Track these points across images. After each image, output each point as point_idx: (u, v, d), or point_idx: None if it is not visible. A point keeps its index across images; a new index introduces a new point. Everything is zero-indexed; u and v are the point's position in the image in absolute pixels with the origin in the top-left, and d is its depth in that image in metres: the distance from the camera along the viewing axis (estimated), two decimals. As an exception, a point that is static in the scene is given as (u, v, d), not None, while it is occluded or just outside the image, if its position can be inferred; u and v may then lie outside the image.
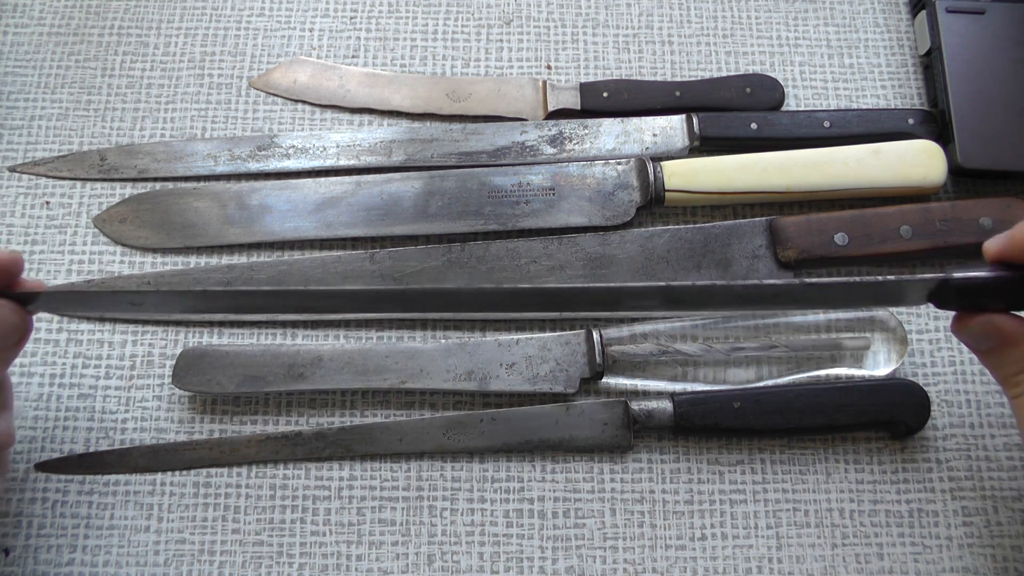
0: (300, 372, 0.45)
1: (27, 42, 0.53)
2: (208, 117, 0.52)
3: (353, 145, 0.50)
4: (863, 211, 0.47)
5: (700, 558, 0.42)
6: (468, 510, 0.43)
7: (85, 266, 0.48)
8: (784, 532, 0.43)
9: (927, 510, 0.43)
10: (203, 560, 0.42)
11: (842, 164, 0.48)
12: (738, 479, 0.44)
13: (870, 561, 0.42)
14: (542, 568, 0.42)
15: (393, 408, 0.45)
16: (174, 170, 0.50)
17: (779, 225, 0.47)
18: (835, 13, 0.55)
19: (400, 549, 0.42)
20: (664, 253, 0.47)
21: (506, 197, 0.48)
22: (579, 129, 0.51)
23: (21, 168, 0.50)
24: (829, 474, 0.44)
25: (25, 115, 0.51)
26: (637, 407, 0.44)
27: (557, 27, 0.54)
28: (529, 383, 0.45)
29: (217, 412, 0.45)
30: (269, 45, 0.53)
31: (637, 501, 0.43)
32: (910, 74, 0.53)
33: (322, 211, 0.48)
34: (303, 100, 0.52)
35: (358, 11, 0.55)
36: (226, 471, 0.44)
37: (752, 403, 0.43)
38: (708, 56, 0.54)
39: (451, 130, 0.51)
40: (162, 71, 0.53)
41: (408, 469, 0.44)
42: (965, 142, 0.48)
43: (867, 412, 0.43)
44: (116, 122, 0.51)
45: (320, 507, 0.43)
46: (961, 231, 0.46)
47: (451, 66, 0.53)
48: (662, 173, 0.48)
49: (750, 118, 0.50)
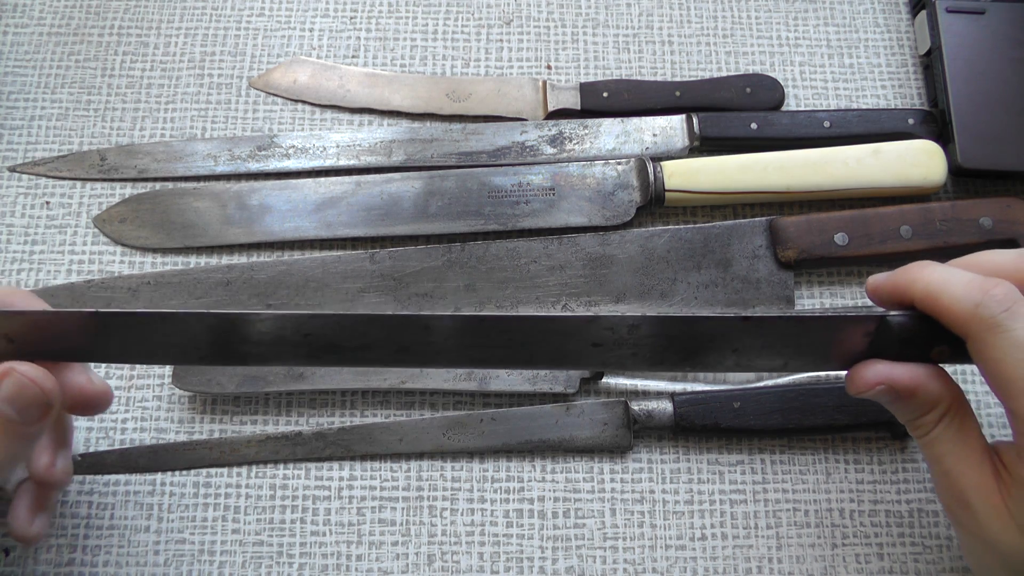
0: (300, 372, 0.45)
1: (27, 42, 0.53)
2: (208, 117, 0.52)
3: (353, 145, 0.50)
4: (863, 211, 0.47)
5: (700, 558, 0.42)
6: (468, 510, 0.43)
7: (85, 266, 0.48)
8: (784, 532, 0.43)
9: (927, 510, 0.43)
10: (203, 560, 0.42)
11: (842, 164, 0.48)
12: (738, 479, 0.44)
13: (870, 561, 0.42)
14: (542, 568, 0.42)
15: (393, 408, 0.45)
16: (174, 170, 0.50)
17: (779, 225, 0.47)
18: (835, 13, 0.55)
19: (400, 549, 0.42)
20: (664, 253, 0.47)
21: (506, 197, 0.48)
22: (579, 129, 0.51)
23: (21, 168, 0.50)
24: (829, 474, 0.44)
25: (25, 115, 0.51)
26: (637, 407, 0.44)
27: (557, 27, 0.54)
28: (529, 383, 0.45)
29: (217, 412, 0.45)
30: (269, 45, 0.53)
31: (637, 501, 0.43)
32: (910, 74, 0.53)
33: (322, 211, 0.48)
34: (303, 100, 0.52)
35: (358, 11, 0.55)
36: (226, 471, 0.44)
37: (752, 403, 0.43)
38: (708, 56, 0.54)
39: (451, 130, 0.51)
40: (162, 71, 0.53)
41: (408, 469, 0.44)
42: (965, 142, 0.48)
43: (867, 412, 0.43)
44: (116, 122, 0.51)
45: (320, 507, 0.43)
46: (961, 231, 0.46)
47: (451, 66, 0.53)
48: (662, 173, 0.48)
49: (750, 118, 0.50)
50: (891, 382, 0.33)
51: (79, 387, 0.34)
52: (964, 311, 0.32)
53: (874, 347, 0.34)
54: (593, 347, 0.34)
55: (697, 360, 0.35)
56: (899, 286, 0.35)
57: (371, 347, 0.34)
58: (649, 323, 0.33)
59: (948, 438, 0.33)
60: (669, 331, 0.34)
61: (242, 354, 0.34)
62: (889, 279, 0.35)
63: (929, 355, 0.34)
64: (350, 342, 0.34)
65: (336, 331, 0.33)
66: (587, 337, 0.34)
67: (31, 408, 0.32)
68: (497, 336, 0.34)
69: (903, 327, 0.34)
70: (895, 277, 0.35)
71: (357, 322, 0.33)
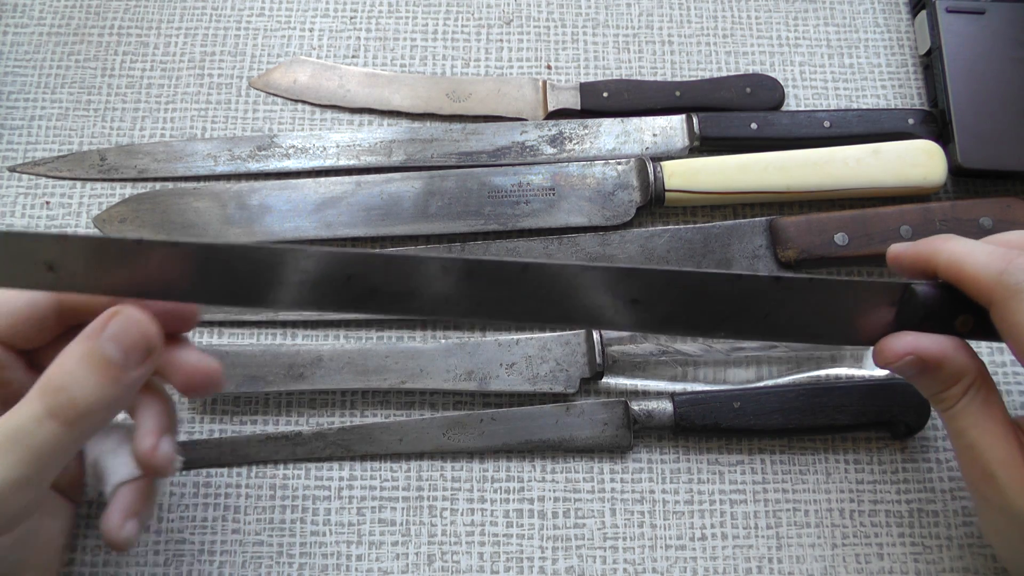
0: (300, 372, 0.45)
1: (27, 42, 0.53)
2: (208, 117, 0.52)
3: (353, 145, 0.50)
4: (863, 211, 0.47)
5: (700, 558, 0.42)
6: (468, 510, 0.43)
7: (85, 266, 0.48)
8: (784, 532, 0.43)
9: (927, 510, 0.43)
10: (203, 560, 0.42)
11: (842, 164, 0.48)
12: (738, 479, 0.44)
13: (870, 561, 0.42)
14: (542, 568, 0.42)
15: (393, 408, 0.45)
16: (174, 170, 0.50)
17: (779, 225, 0.47)
18: (835, 13, 0.55)
19: (400, 549, 0.42)
20: (664, 253, 0.47)
21: (506, 197, 0.48)
22: (579, 129, 0.51)
23: (21, 168, 0.50)
24: (829, 474, 0.44)
25: (25, 115, 0.51)
26: (637, 407, 0.44)
27: (557, 27, 0.54)
28: (529, 383, 0.45)
29: (217, 412, 0.45)
30: (269, 45, 0.53)
31: (637, 501, 0.43)
32: (910, 74, 0.53)
33: (322, 211, 0.48)
34: (303, 100, 0.52)
35: (358, 11, 0.55)
36: (226, 471, 0.44)
37: (752, 403, 0.43)
38: (708, 56, 0.54)
39: (451, 130, 0.51)
40: (162, 71, 0.53)
41: (408, 469, 0.44)
42: (965, 142, 0.48)
43: (867, 412, 0.43)
44: (116, 122, 0.51)
45: (320, 507, 0.43)
46: (961, 231, 0.46)
47: (451, 66, 0.53)
48: (662, 173, 0.48)
49: (750, 118, 0.50)
50: (919, 352, 0.34)
51: (191, 364, 0.34)
52: (988, 278, 0.32)
53: (900, 318, 0.34)
54: (632, 303, 0.34)
55: (731, 324, 0.35)
56: (922, 255, 0.35)
57: (414, 294, 0.33)
58: (688, 278, 0.34)
59: (973, 411, 0.34)
60: (706, 286, 0.34)
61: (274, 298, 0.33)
62: (911, 248, 0.36)
63: (952, 326, 0.35)
64: (392, 286, 0.33)
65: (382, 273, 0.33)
66: (627, 292, 0.34)
67: (134, 350, 0.31)
68: (537, 287, 0.33)
69: (927, 295, 0.34)
70: (918, 247, 0.36)
71: (403, 263, 0.33)
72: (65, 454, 0.31)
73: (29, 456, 0.30)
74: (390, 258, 0.33)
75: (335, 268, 0.33)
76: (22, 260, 0.32)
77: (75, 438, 0.31)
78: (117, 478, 0.35)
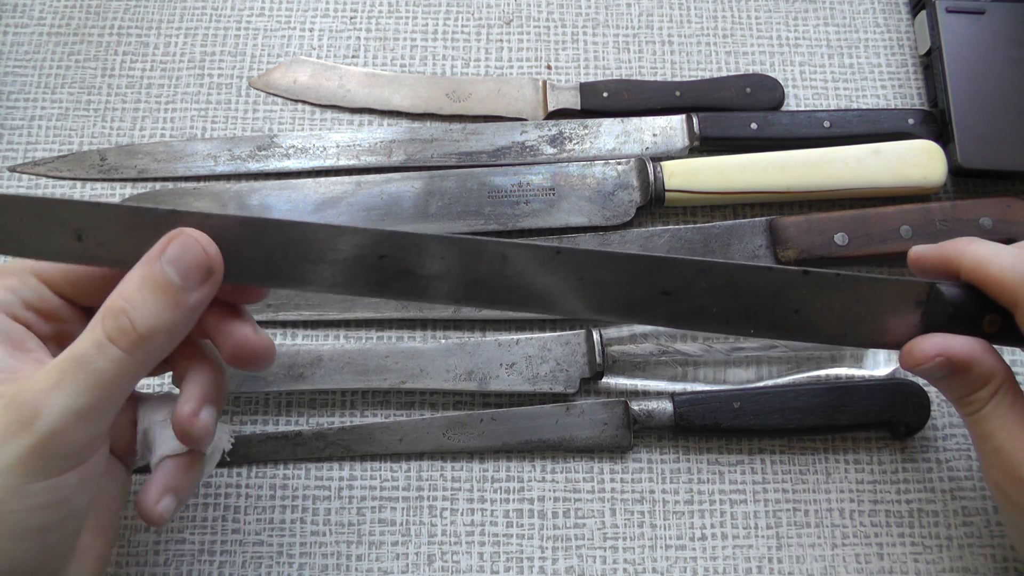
0: (300, 372, 0.45)
1: (27, 42, 0.53)
2: (208, 117, 0.52)
3: (353, 145, 0.50)
4: (863, 211, 0.47)
5: (700, 558, 0.42)
6: (468, 510, 0.43)
7: (85, 266, 0.48)
8: (784, 532, 0.43)
9: (927, 510, 0.43)
10: (203, 560, 0.42)
11: (842, 164, 0.48)
12: (738, 479, 0.44)
13: (870, 561, 0.42)
14: (542, 568, 0.42)
15: (393, 408, 0.45)
16: (174, 170, 0.50)
17: (779, 225, 0.47)
18: (835, 13, 0.55)
19: (400, 549, 0.42)
20: (664, 253, 0.47)
21: (506, 197, 0.48)
22: (579, 129, 0.51)
23: (21, 168, 0.50)
24: (829, 474, 0.44)
25: (25, 115, 0.51)
26: (637, 407, 0.44)
27: (557, 27, 0.54)
28: (529, 383, 0.45)
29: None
30: (269, 45, 0.53)
31: (637, 501, 0.43)
32: (910, 74, 0.53)
33: (322, 211, 0.48)
34: (303, 100, 0.52)
35: (358, 11, 0.55)
36: (226, 471, 0.44)
37: (752, 403, 0.43)
38: (708, 56, 0.54)
39: (451, 130, 0.51)
40: (162, 71, 0.53)
41: (408, 469, 0.44)
42: (965, 142, 0.48)
43: (867, 412, 0.43)
44: (116, 122, 0.51)
45: (320, 507, 0.43)
46: (961, 231, 0.46)
47: (451, 66, 0.53)
48: (662, 173, 0.48)
49: (750, 118, 0.50)
50: (949, 354, 0.34)
51: (244, 336, 0.33)
52: (1014, 280, 0.32)
53: (927, 318, 0.34)
54: (663, 295, 0.34)
55: (762, 319, 0.35)
56: (946, 256, 0.35)
57: (444, 277, 0.33)
58: (719, 269, 0.34)
59: (1000, 414, 0.34)
60: (737, 278, 0.34)
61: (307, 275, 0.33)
62: (934, 250, 0.36)
63: (979, 327, 0.34)
64: (425, 268, 0.33)
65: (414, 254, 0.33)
66: (658, 283, 0.34)
67: (194, 272, 0.31)
68: (570, 271, 0.33)
69: (954, 295, 0.34)
70: (942, 248, 0.36)
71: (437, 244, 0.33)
72: (127, 382, 0.31)
73: (92, 383, 0.29)
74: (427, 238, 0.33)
75: (370, 246, 0.33)
76: (51, 227, 0.32)
77: (136, 365, 0.30)
78: (163, 450, 0.34)
